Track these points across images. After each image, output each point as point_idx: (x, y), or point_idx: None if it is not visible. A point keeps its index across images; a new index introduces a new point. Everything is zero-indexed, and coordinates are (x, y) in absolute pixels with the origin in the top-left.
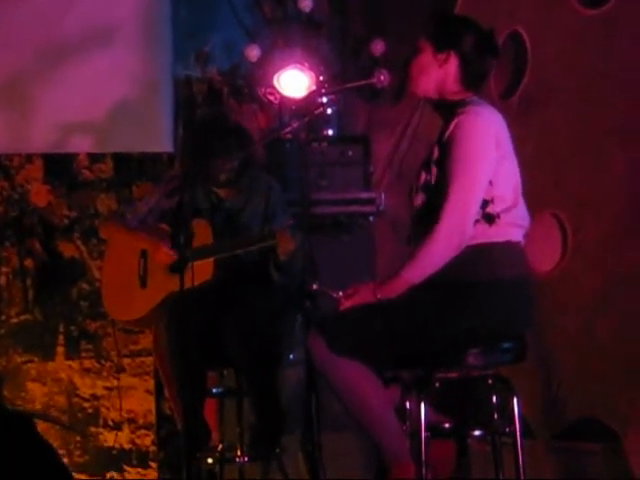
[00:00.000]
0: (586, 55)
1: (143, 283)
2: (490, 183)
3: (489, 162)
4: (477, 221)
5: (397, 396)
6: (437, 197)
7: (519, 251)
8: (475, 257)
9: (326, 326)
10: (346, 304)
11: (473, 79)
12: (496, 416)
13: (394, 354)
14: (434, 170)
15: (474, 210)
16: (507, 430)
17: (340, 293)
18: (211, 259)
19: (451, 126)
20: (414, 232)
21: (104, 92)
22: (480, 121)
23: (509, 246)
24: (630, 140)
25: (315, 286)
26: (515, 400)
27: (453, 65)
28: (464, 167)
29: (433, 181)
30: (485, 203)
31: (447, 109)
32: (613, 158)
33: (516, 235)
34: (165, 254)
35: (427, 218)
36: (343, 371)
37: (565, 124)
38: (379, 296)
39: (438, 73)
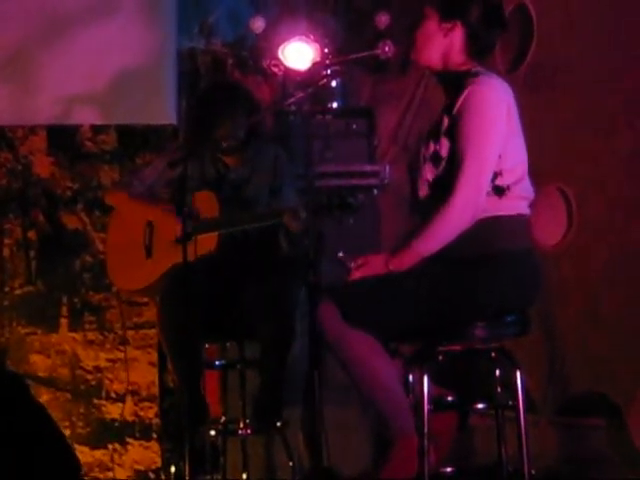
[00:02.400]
0: (593, 28)
1: (149, 253)
2: (500, 155)
3: (501, 134)
4: (487, 193)
5: (400, 369)
6: (450, 168)
7: (526, 224)
8: (486, 230)
9: (340, 297)
10: (356, 274)
11: (478, 50)
12: (499, 390)
13: (400, 326)
14: (444, 141)
15: (487, 181)
16: (510, 404)
17: (351, 264)
18: (215, 233)
19: (462, 96)
20: (424, 203)
21: (107, 64)
22: (493, 92)
23: (518, 219)
24: (637, 114)
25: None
26: (518, 374)
27: (458, 35)
28: (478, 138)
29: (443, 152)
30: (494, 175)
31: (454, 79)
32: (620, 132)
33: (524, 208)
34: (176, 225)
35: (439, 190)
36: (354, 342)
37: (571, 98)
38: (391, 267)
39: (443, 42)
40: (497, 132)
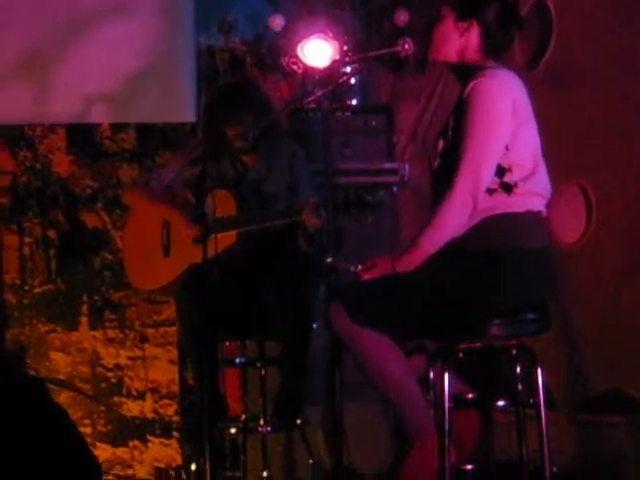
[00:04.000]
0: (611, 26)
1: (166, 252)
2: (507, 149)
3: (504, 126)
4: (495, 190)
5: (422, 366)
6: (452, 161)
7: (540, 221)
8: (496, 227)
9: (347, 297)
10: (365, 277)
11: (494, 49)
12: (520, 387)
13: (415, 325)
14: (450, 136)
15: (488, 174)
16: (531, 401)
17: (359, 266)
18: (234, 231)
19: (467, 89)
20: (432, 198)
21: (126, 62)
22: (496, 84)
23: (529, 216)
24: None
25: (330, 259)
26: (539, 371)
27: (474, 34)
28: (478, 130)
29: (449, 147)
30: (502, 171)
31: (465, 73)
32: (639, 130)
33: (536, 204)
34: (187, 230)
35: (442, 182)
36: (364, 341)
37: (590, 94)
38: (398, 268)
39: (459, 42)
40: (499, 124)
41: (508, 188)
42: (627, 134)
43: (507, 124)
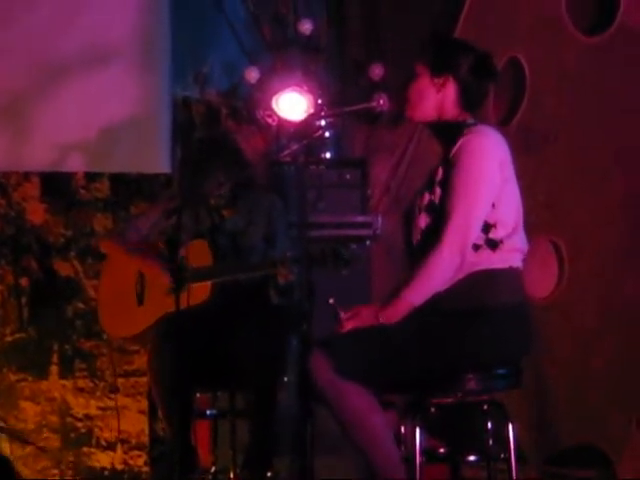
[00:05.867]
0: (585, 82)
1: (140, 301)
2: (493, 206)
3: (492, 183)
4: (480, 247)
5: (393, 420)
6: (439, 216)
7: (519, 277)
8: (478, 284)
9: (331, 348)
10: (348, 325)
11: (471, 102)
12: (491, 442)
13: (392, 378)
14: (438, 191)
15: (476, 230)
16: (502, 456)
17: (342, 314)
18: (208, 282)
19: (456, 146)
20: (419, 253)
21: (102, 111)
22: (486, 142)
23: (510, 272)
24: (628, 169)
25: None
26: (510, 426)
27: (451, 89)
28: (467, 186)
29: (437, 201)
30: (488, 228)
31: (449, 130)
32: (611, 186)
33: (517, 261)
34: (162, 279)
35: (429, 238)
36: (346, 394)
37: (563, 151)
38: (381, 320)
39: (436, 98)
40: (488, 181)
41: (493, 245)
42: (600, 192)
43: (495, 181)
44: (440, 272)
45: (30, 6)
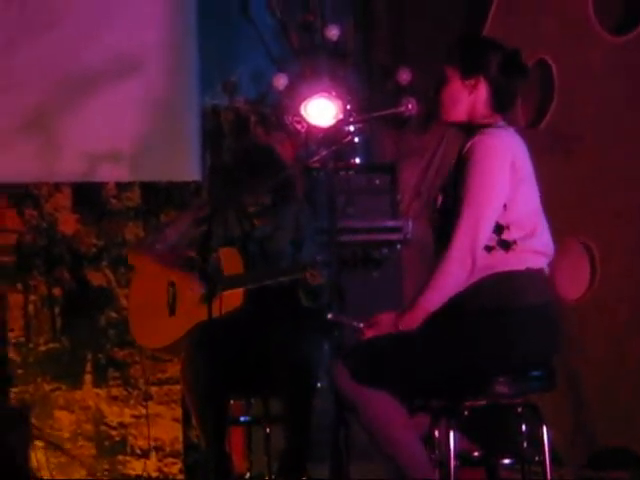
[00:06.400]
0: (612, 82)
1: (172, 311)
2: (505, 207)
3: (502, 184)
4: (493, 248)
5: (426, 424)
6: (450, 217)
7: (540, 278)
8: (496, 285)
9: (349, 357)
10: (368, 334)
11: (502, 102)
12: (526, 444)
13: (420, 384)
14: (450, 192)
15: (486, 231)
16: (537, 459)
17: (361, 324)
18: (240, 289)
19: (466, 146)
20: (435, 255)
21: (131, 121)
22: (495, 142)
23: (529, 273)
24: None
25: (330, 315)
26: (545, 429)
27: (483, 89)
28: (476, 188)
29: (449, 203)
30: (500, 229)
31: (471, 132)
32: (639, 185)
33: (536, 262)
34: (194, 288)
35: (441, 239)
36: (367, 401)
37: (593, 151)
38: (400, 327)
39: (469, 100)
40: (497, 182)
41: (506, 245)
42: (627, 192)
43: (505, 182)
44: (451, 275)
45: (56, 20)
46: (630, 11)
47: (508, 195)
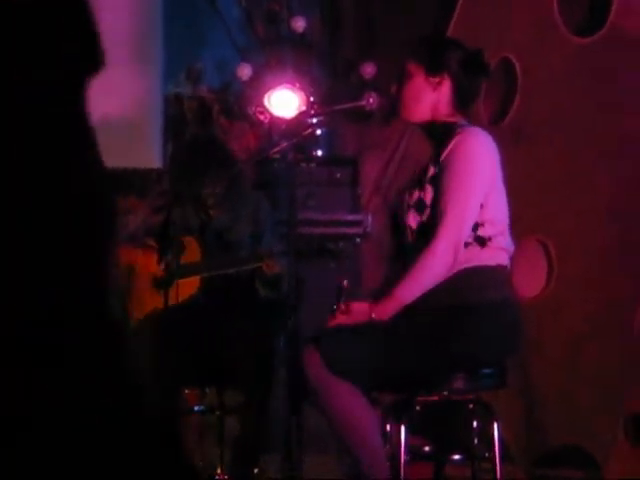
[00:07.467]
0: (575, 84)
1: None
2: (481, 206)
3: (484, 184)
4: (469, 244)
5: (379, 418)
6: (433, 215)
7: (507, 275)
8: (467, 280)
9: (323, 344)
10: (339, 319)
11: (464, 100)
12: (476, 441)
13: (381, 377)
14: (428, 188)
15: (468, 229)
16: (487, 455)
17: (335, 307)
18: (197, 277)
19: (450, 145)
20: (408, 250)
21: (93, 108)
22: (480, 141)
23: (499, 269)
24: (619, 170)
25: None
26: (495, 425)
27: (446, 87)
28: (461, 186)
29: (427, 199)
30: (476, 226)
31: (441, 130)
32: (601, 187)
33: (505, 259)
34: (155, 265)
35: (423, 237)
36: (338, 391)
37: (553, 151)
38: (374, 316)
39: (432, 97)
40: (480, 182)
41: (482, 241)
42: (590, 192)
43: (485, 180)
44: (432, 271)
45: None
46: (594, 13)
47: (484, 194)
